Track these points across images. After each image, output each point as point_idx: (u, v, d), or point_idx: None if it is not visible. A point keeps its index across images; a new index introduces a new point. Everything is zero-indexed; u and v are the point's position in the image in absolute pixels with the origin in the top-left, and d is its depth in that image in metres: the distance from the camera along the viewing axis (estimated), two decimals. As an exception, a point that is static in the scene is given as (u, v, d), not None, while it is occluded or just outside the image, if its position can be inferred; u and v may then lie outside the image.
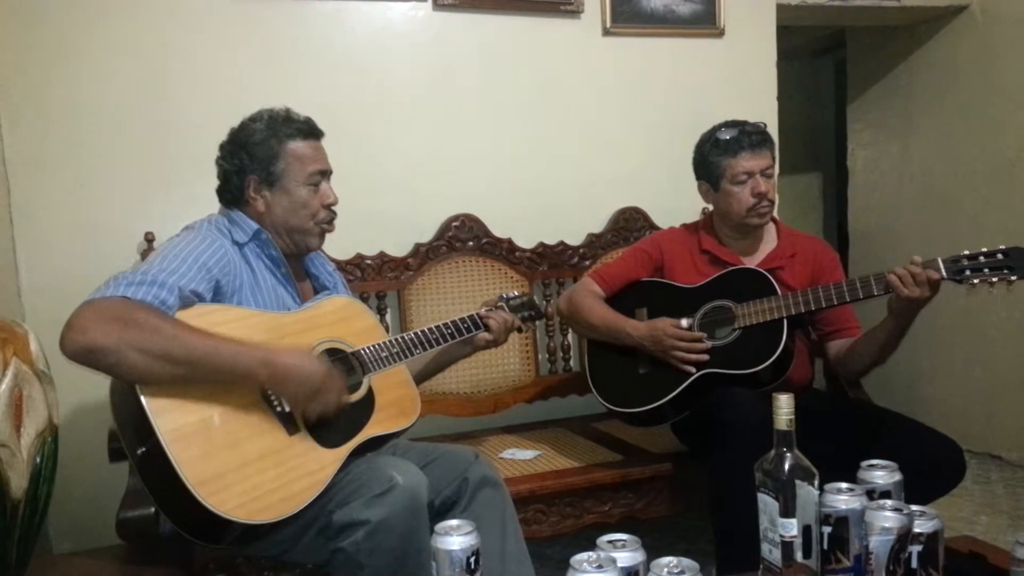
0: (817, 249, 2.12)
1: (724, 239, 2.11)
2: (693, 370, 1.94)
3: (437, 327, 1.77)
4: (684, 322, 1.98)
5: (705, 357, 1.93)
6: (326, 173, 1.67)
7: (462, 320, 1.81)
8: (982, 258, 1.74)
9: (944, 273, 1.75)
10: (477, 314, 1.84)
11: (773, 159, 2.04)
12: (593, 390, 2.13)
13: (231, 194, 1.65)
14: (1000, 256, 1.73)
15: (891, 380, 3.14)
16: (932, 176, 3.48)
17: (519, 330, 1.96)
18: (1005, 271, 1.72)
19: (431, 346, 1.75)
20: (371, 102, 2.47)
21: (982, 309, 3.19)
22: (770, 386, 1.88)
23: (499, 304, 1.91)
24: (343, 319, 1.65)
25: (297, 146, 1.63)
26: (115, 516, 1.55)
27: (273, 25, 2.36)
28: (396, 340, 1.69)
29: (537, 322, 2.35)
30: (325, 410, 1.47)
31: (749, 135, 1.99)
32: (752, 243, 2.10)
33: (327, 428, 1.51)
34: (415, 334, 1.73)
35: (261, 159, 1.60)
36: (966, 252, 1.76)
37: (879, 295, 1.83)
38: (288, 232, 1.65)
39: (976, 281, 1.74)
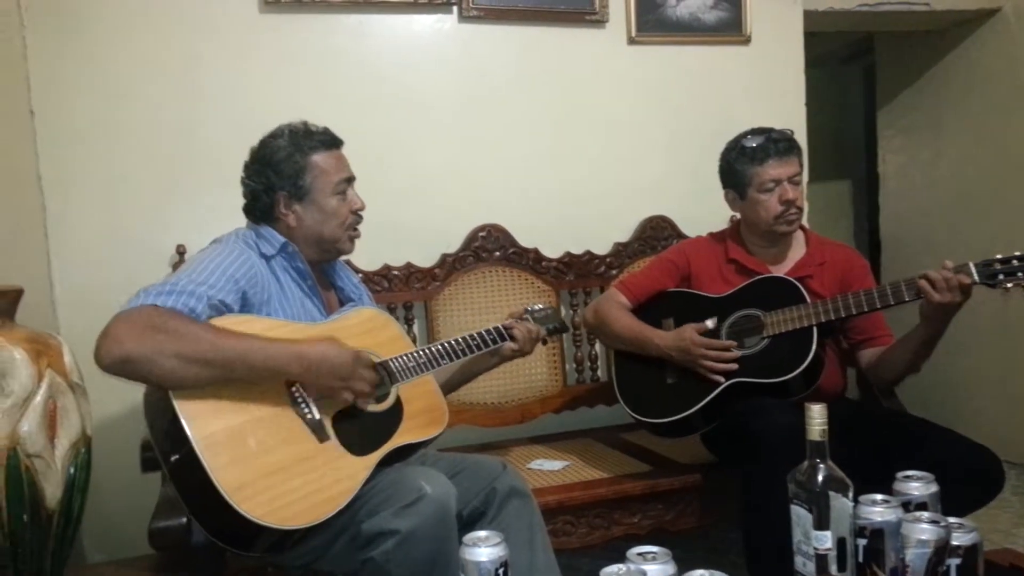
0: (847, 257, 2.09)
1: (752, 248, 2.09)
2: (722, 379, 1.92)
3: (463, 338, 1.77)
4: (710, 323, 1.96)
5: (735, 366, 1.91)
6: (351, 180, 1.70)
7: (488, 331, 1.82)
8: (1015, 261, 1.71)
9: (976, 277, 1.72)
10: (502, 325, 1.85)
11: (801, 166, 2.02)
12: (620, 400, 2.11)
13: (260, 212, 1.67)
14: None
15: (926, 389, 3.08)
16: (964, 181, 3.42)
17: (544, 342, 1.96)
18: None
19: (458, 357, 1.75)
20: (397, 113, 2.49)
21: (1020, 314, 3.12)
22: (801, 395, 1.86)
23: (524, 316, 1.91)
24: (370, 330, 1.66)
25: (322, 158, 1.65)
26: (147, 526, 1.57)
27: (299, 38, 2.39)
28: (423, 351, 1.69)
29: (563, 334, 2.34)
30: (364, 391, 1.50)
31: (776, 142, 1.98)
32: (780, 251, 2.08)
33: (357, 436, 1.51)
34: (442, 345, 1.73)
35: (288, 175, 1.62)
36: (998, 256, 1.72)
37: (910, 301, 1.80)
38: (320, 242, 1.67)
39: (1010, 285, 1.70)
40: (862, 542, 1.12)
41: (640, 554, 1.04)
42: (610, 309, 2.11)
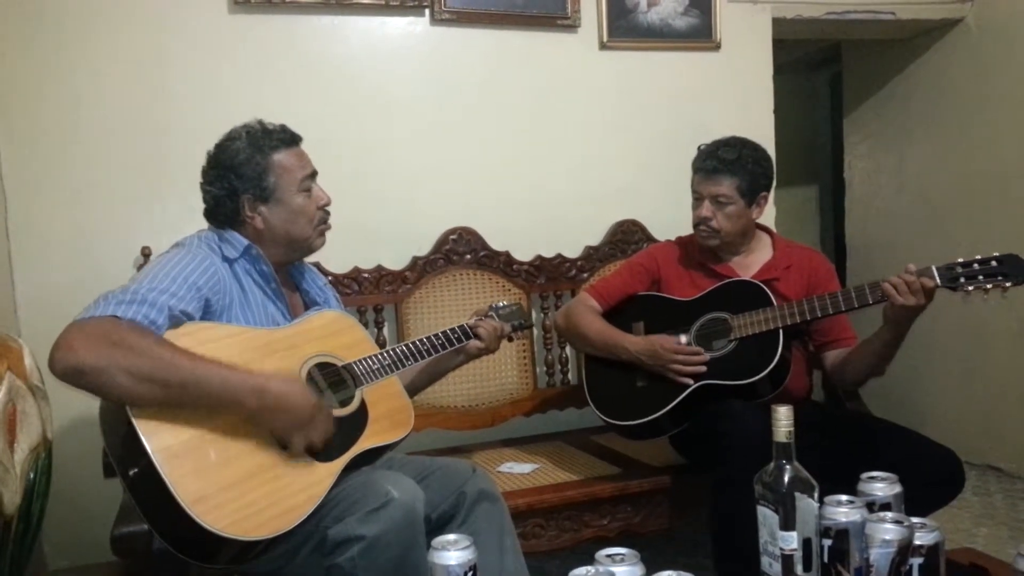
0: (813, 260, 2.12)
1: (719, 251, 2.11)
2: (691, 382, 1.93)
3: (428, 338, 1.76)
4: (683, 338, 1.99)
5: (703, 369, 1.93)
6: (314, 175, 1.67)
7: (452, 330, 1.81)
8: (976, 265, 1.74)
9: (938, 280, 1.75)
10: (467, 324, 1.84)
11: (739, 190, 1.99)
12: (591, 403, 2.12)
13: (224, 216, 1.62)
14: (994, 263, 1.73)
15: (889, 391, 3.13)
16: (928, 187, 3.49)
17: (509, 339, 1.96)
18: (999, 278, 1.72)
19: (423, 357, 1.74)
20: (368, 116, 2.47)
21: (981, 319, 3.18)
22: (768, 397, 1.88)
23: (489, 314, 1.91)
24: (332, 333, 1.64)
25: (283, 156, 1.62)
26: (110, 532, 1.54)
27: (270, 39, 2.37)
28: (387, 353, 1.68)
29: (530, 332, 2.34)
30: (310, 442, 1.44)
31: (706, 159, 2.02)
32: (747, 255, 2.10)
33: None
34: (406, 346, 1.72)
35: (251, 177, 1.59)
36: (960, 260, 1.76)
37: (874, 304, 1.83)
38: (290, 242, 1.65)
39: (971, 288, 1.74)
40: (827, 542, 1.13)
41: (609, 556, 1.05)
42: (581, 314, 2.12)
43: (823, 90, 4.64)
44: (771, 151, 2.75)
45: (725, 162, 1.99)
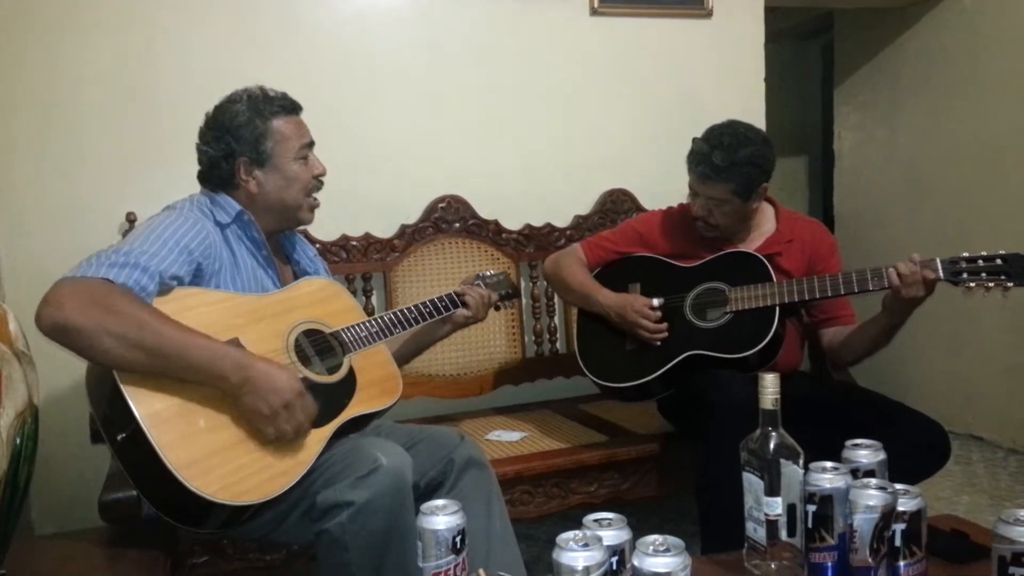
0: (815, 234, 2.10)
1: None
2: (664, 336, 1.96)
3: (415, 306, 1.76)
4: (656, 301, 2.00)
5: (664, 335, 1.96)
6: (311, 145, 1.67)
7: (440, 299, 1.81)
8: (981, 262, 1.72)
9: (941, 274, 1.74)
10: (454, 292, 1.84)
11: (734, 192, 1.94)
12: (581, 365, 2.12)
13: (218, 179, 1.61)
14: (999, 261, 1.71)
15: (874, 361, 3.13)
16: (918, 159, 3.49)
17: (496, 308, 1.97)
18: (1002, 277, 1.70)
19: (410, 325, 1.74)
20: (356, 82, 2.44)
21: (965, 297, 3.20)
22: (758, 371, 1.88)
23: (476, 283, 1.91)
24: (321, 300, 1.64)
25: (282, 123, 1.61)
26: (97, 498, 1.54)
27: (257, 2, 2.33)
28: (375, 320, 1.68)
29: (519, 301, 2.35)
30: (287, 430, 1.38)
31: (699, 163, 1.95)
32: (750, 228, 2.09)
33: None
34: (394, 314, 1.72)
35: (249, 140, 1.58)
36: (965, 254, 1.74)
37: (874, 291, 1.82)
38: (281, 209, 1.64)
39: (972, 284, 1.73)
40: (811, 508, 1.15)
41: (596, 520, 1.06)
42: (568, 264, 2.17)
43: (814, 60, 4.62)
44: (761, 121, 2.75)
45: (718, 169, 1.91)
